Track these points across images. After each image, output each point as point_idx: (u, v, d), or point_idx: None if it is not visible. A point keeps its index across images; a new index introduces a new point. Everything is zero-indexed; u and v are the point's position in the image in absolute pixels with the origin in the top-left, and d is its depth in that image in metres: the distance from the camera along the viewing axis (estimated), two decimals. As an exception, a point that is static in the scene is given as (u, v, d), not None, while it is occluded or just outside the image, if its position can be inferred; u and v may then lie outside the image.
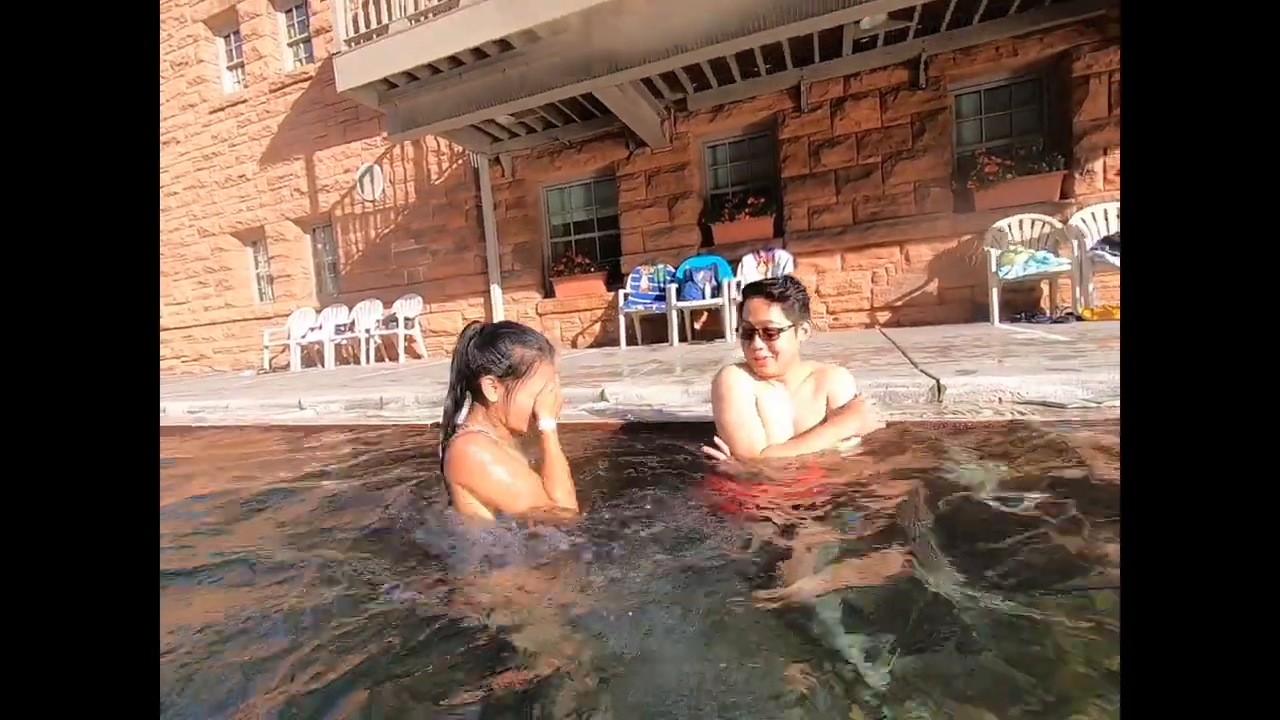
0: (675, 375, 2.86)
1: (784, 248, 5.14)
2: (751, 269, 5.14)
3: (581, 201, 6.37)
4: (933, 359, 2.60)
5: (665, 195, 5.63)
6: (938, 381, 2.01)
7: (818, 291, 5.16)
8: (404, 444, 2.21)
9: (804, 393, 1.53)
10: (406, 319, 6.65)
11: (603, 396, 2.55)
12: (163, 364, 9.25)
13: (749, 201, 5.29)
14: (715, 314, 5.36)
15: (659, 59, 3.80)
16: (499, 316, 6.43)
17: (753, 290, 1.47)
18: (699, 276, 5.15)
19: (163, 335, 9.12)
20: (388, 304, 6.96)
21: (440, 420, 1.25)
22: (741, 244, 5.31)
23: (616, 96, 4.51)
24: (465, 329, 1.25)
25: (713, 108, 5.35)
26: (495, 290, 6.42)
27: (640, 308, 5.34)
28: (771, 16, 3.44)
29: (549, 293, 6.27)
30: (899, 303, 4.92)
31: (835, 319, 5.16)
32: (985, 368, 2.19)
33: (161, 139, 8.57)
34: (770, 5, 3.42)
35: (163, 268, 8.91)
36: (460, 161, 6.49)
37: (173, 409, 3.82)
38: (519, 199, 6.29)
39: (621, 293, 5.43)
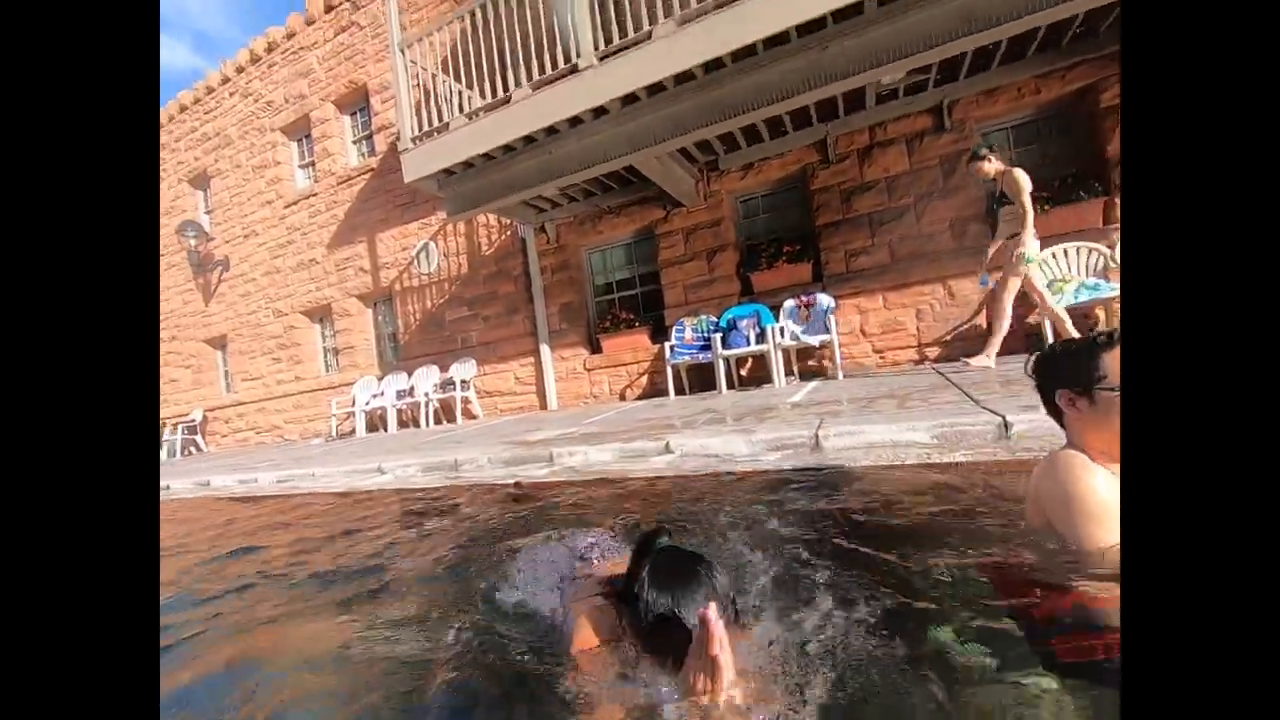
0: (734, 425, 2.95)
1: (824, 291, 5.25)
2: (793, 313, 5.24)
3: (622, 261, 6.70)
4: (994, 395, 2.61)
5: (703, 249, 5.88)
6: (1004, 419, 2.03)
7: (862, 331, 5.20)
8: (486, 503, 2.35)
9: None
10: (462, 381, 7.01)
11: (668, 448, 2.66)
12: (238, 435, 9.92)
13: (785, 250, 5.46)
14: (760, 359, 5.44)
15: (692, 131, 4.11)
16: (549, 374, 6.69)
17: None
18: (743, 324, 5.28)
19: (239, 409, 9.83)
20: (444, 368, 7.36)
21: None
22: (781, 290, 5.45)
23: (653, 165, 4.85)
24: (652, 538, 0.93)
25: (743, 166, 5.65)
26: (544, 349, 6.72)
27: (687, 358, 5.49)
28: (795, 86, 3.71)
29: (596, 349, 6.52)
30: (947, 337, 4.90)
31: (883, 358, 5.16)
32: (1051, 402, 2.20)
33: (242, 233, 9.56)
34: (793, 76, 3.69)
35: (242, 346, 9.72)
36: (508, 233, 6.98)
37: (263, 479, 4.13)
38: (563, 262, 6.67)
39: (667, 345, 5.60)
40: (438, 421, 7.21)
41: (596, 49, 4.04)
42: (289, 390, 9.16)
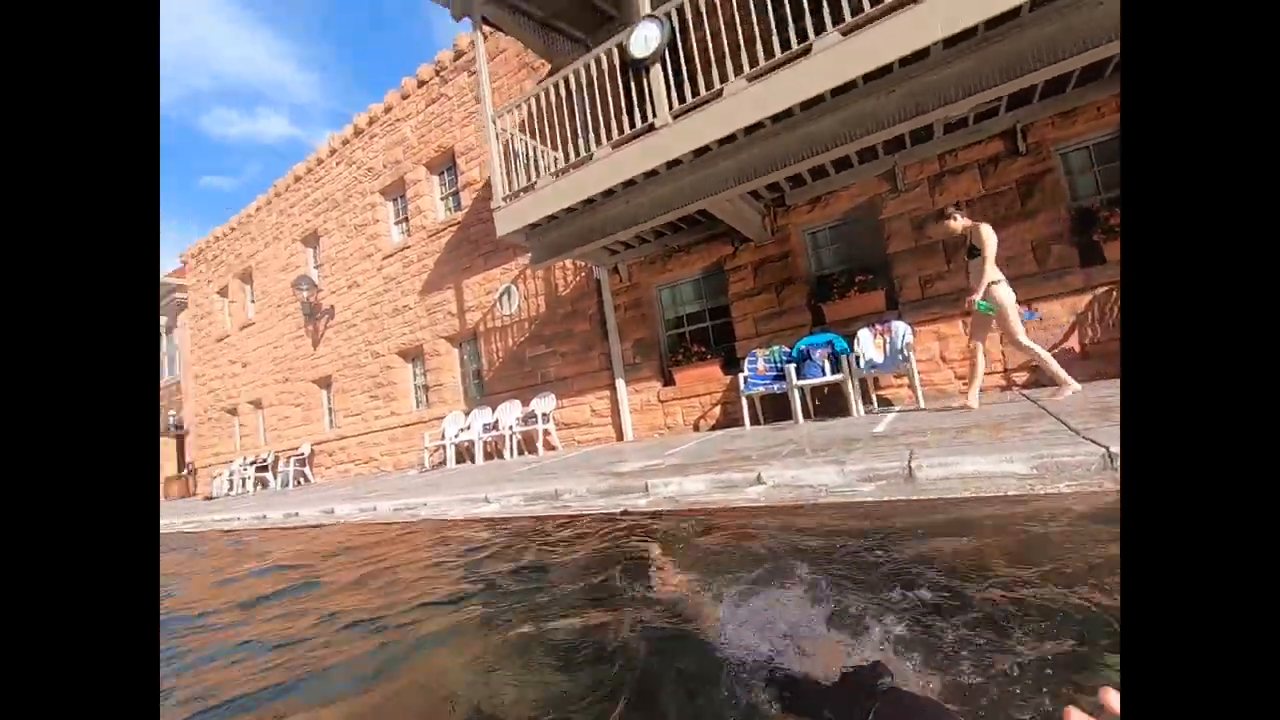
0: (820, 455, 3.05)
1: (900, 318, 5.24)
2: (868, 342, 5.26)
3: (692, 295, 6.96)
4: (1093, 423, 2.58)
5: (772, 282, 6.04)
6: (1108, 450, 2.05)
7: (942, 358, 5.12)
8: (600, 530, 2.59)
9: None
10: (543, 415, 7.43)
11: (759, 480, 2.81)
12: (340, 467, 10.85)
13: (856, 279, 5.52)
14: (835, 389, 5.47)
15: (761, 176, 4.35)
16: (624, 406, 6.98)
17: None
18: (816, 354, 5.35)
19: (341, 443, 10.79)
20: (525, 403, 7.84)
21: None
22: (854, 319, 5.49)
23: (722, 206, 5.11)
24: (871, 678, 0.80)
25: (810, 200, 5.81)
26: (619, 383, 7.03)
27: (761, 389, 5.60)
28: (862, 129, 3.88)
29: (669, 381, 6.76)
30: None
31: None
32: (1157, 432, 2.18)
33: (346, 284, 10.68)
34: (861, 120, 3.86)
35: (344, 385, 10.74)
36: (583, 274, 7.45)
37: (381, 507, 4.61)
38: (636, 300, 7.02)
39: (740, 376, 5.75)
40: (520, 453, 7.64)
41: (671, 108, 4.40)
42: (385, 425, 9.99)
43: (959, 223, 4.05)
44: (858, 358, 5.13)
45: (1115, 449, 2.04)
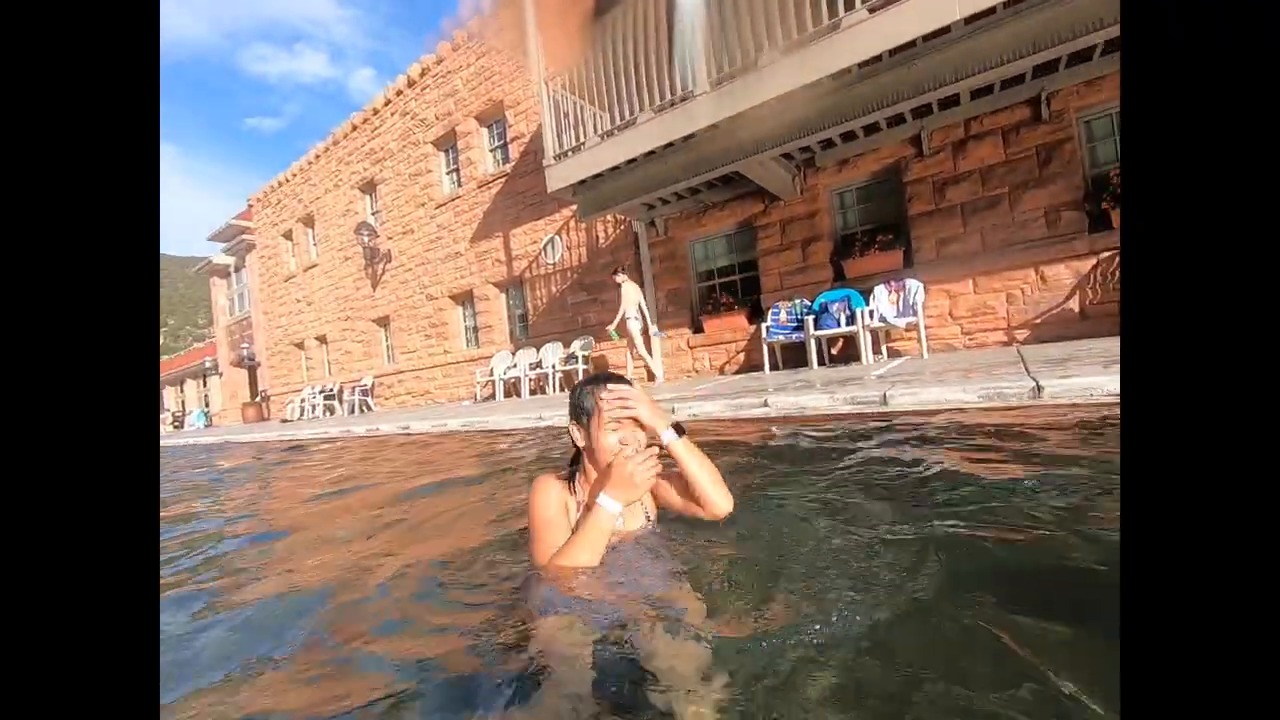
0: (821, 389, 3.69)
1: (914, 277, 5.67)
2: (883, 297, 5.73)
3: (723, 250, 7.45)
4: (1048, 368, 3.12)
5: (799, 239, 6.49)
6: (1037, 383, 2.62)
7: (950, 314, 5.57)
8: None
9: None
10: (583, 356, 8.21)
11: (765, 404, 3.48)
12: (398, 398, 12.04)
13: (878, 239, 5.93)
14: (850, 340, 6.00)
15: (791, 140, 4.77)
16: (657, 351, 7.68)
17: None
18: (834, 308, 5.87)
19: (399, 376, 11.91)
20: (566, 345, 8.62)
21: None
22: (872, 276, 5.94)
23: (754, 167, 5.54)
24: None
25: (839, 161, 6.15)
26: (652, 329, 7.69)
27: (781, 338, 6.18)
28: (887, 98, 4.25)
29: (698, 329, 7.38)
30: (1037, 321, 5.16)
31: (971, 339, 5.51)
32: (1087, 371, 2.73)
33: (401, 230, 11.48)
34: (886, 89, 4.23)
35: (400, 325, 11.76)
36: (622, 227, 8.00)
37: (451, 423, 5.51)
38: (670, 253, 7.57)
39: (763, 325, 6.33)
40: (562, 390, 8.49)
41: (710, 77, 4.81)
42: (438, 361, 11.01)
43: (617, 277, 6.84)
44: (872, 312, 5.63)
45: (1044, 382, 2.61)
